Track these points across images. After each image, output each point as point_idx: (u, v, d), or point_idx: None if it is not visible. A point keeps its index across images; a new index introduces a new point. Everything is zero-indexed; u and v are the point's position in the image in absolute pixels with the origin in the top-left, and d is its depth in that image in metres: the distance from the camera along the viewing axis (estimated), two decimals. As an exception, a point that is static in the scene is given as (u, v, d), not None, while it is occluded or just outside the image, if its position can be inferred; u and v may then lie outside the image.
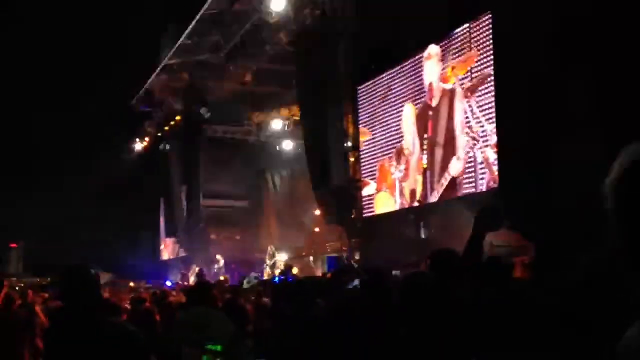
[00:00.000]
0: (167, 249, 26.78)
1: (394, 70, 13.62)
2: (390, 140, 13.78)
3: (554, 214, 8.21)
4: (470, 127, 11.06)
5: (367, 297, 4.44)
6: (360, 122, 14.87)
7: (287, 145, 22.52)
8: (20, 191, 23.85)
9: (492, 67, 10.52)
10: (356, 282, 5.24)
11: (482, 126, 10.72)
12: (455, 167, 11.48)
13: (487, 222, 3.31)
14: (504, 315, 2.79)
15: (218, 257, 20.18)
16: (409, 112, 13.14)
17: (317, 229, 18.96)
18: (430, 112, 12.32)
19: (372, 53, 14.05)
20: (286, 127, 21.43)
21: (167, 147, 24.77)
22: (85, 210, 23.87)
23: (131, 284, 17.96)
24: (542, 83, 8.94)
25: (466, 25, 11.24)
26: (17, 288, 13.03)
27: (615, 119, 7.75)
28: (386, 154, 13.91)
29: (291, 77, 16.99)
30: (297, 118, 19.06)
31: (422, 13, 11.83)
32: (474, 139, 10.93)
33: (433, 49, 12.27)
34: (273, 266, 17.50)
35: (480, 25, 10.88)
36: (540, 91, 8.97)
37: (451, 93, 11.64)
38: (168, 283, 19.75)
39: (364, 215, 14.68)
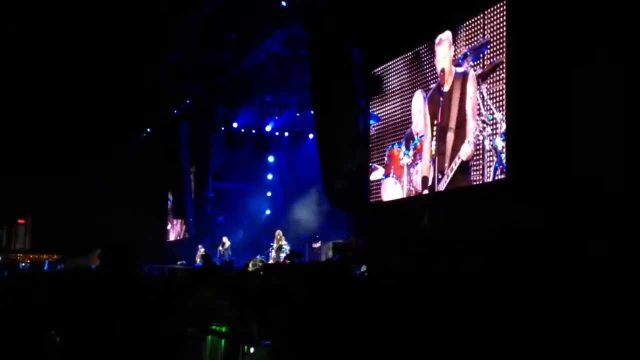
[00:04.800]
0: (174, 230, 26.86)
1: (406, 55, 13.58)
2: (400, 126, 13.75)
3: (565, 204, 8.16)
4: (480, 114, 11.00)
5: (373, 283, 4.43)
6: (371, 107, 14.84)
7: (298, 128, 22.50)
8: (29, 168, 23.93)
9: (504, 55, 10.44)
10: (363, 267, 5.24)
11: (492, 114, 10.66)
12: (465, 150, 11.43)
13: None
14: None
15: (224, 239, 20.21)
16: (419, 98, 13.09)
17: (324, 214, 18.96)
18: (442, 98, 12.25)
19: (385, 39, 13.97)
20: (297, 112, 21.37)
21: (178, 127, 24.74)
22: (93, 188, 23.95)
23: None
24: (554, 72, 8.88)
25: (480, 12, 11.15)
26: (23, 264, 13.18)
27: (630, 106, 7.69)
28: (396, 140, 13.88)
29: (304, 61, 16.91)
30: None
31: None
32: (484, 122, 10.87)
33: (445, 34, 12.22)
34: (279, 250, 17.51)
35: (495, 12, 10.79)
36: (552, 80, 8.90)
37: (464, 77, 11.56)
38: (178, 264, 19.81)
39: (371, 201, 14.67)
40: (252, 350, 4.91)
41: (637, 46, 7.85)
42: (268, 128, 23.11)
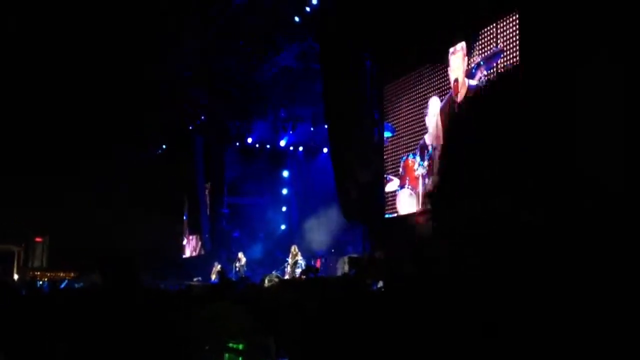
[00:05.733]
0: (190, 246, 26.88)
1: (420, 66, 13.55)
2: (415, 137, 13.69)
3: (580, 218, 8.04)
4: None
5: (388, 299, 4.36)
6: (385, 118, 14.82)
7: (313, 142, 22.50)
8: (46, 186, 24.07)
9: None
10: (380, 283, 5.16)
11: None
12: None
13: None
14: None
15: (240, 255, 20.18)
16: (435, 105, 13.04)
17: (340, 228, 18.86)
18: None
19: (399, 50, 13.95)
20: (311, 126, 21.38)
21: (194, 142, 24.81)
22: (110, 206, 24.03)
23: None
24: (569, 80, 8.80)
25: (493, 23, 11.12)
26: (41, 282, 13.27)
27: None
28: (410, 150, 13.83)
29: (317, 74, 16.93)
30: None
31: (451, 10, 11.77)
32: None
33: (459, 45, 12.18)
34: (294, 265, 17.44)
35: (507, 23, 10.75)
36: (568, 87, 8.83)
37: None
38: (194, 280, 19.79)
39: (386, 214, 14.59)
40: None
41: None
42: (282, 143, 23.13)
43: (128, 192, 24.51)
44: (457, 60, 12.22)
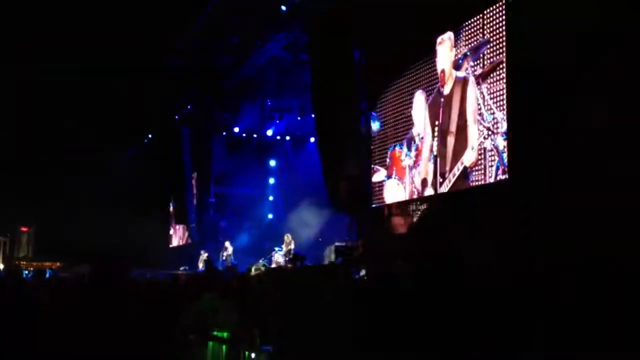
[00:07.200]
0: (177, 236, 26.84)
1: (407, 57, 13.52)
2: (402, 127, 13.71)
3: (567, 204, 8.11)
4: (481, 115, 10.96)
5: (371, 286, 4.40)
6: (373, 108, 14.83)
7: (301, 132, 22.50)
8: (33, 175, 23.96)
9: (504, 54, 10.40)
10: (362, 272, 5.21)
11: (492, 113, 10.61)
12: (469, 157, 11.37)
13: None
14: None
15: (227, 244, 20.20)
16: (420, 99, 13.05)
17: (327, 218, 18.88)
18: (442, 99, 12.21)
19: (386, 40, 13.93)
20: (298, 116, 21.34)
21: (180, 132, 24.73)
22: (96, 196, 23.97)
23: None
24: (554, 70, 8.84)
25: (480, 12, 11.13)
26: (27, 272, 13.23)
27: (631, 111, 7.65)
28: (397, 141, 13.86)
29: (305, 65, 16.89)
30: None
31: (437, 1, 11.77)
32: (485, 127, 10.83)
33: (446, 35, 12.17)
34: (288, 253, 17.44)
35: (494, 12, 10.77)
36: (552, 79, 8.86)
37: (464, 81, 11.53)
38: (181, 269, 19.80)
39: (373, 204, 14.63)
40: (253, 356, 4.88)
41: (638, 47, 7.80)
42: (269, 132, 23.08)
43: (115, 181, 24.45)
44: (444, 51, 12.23)
